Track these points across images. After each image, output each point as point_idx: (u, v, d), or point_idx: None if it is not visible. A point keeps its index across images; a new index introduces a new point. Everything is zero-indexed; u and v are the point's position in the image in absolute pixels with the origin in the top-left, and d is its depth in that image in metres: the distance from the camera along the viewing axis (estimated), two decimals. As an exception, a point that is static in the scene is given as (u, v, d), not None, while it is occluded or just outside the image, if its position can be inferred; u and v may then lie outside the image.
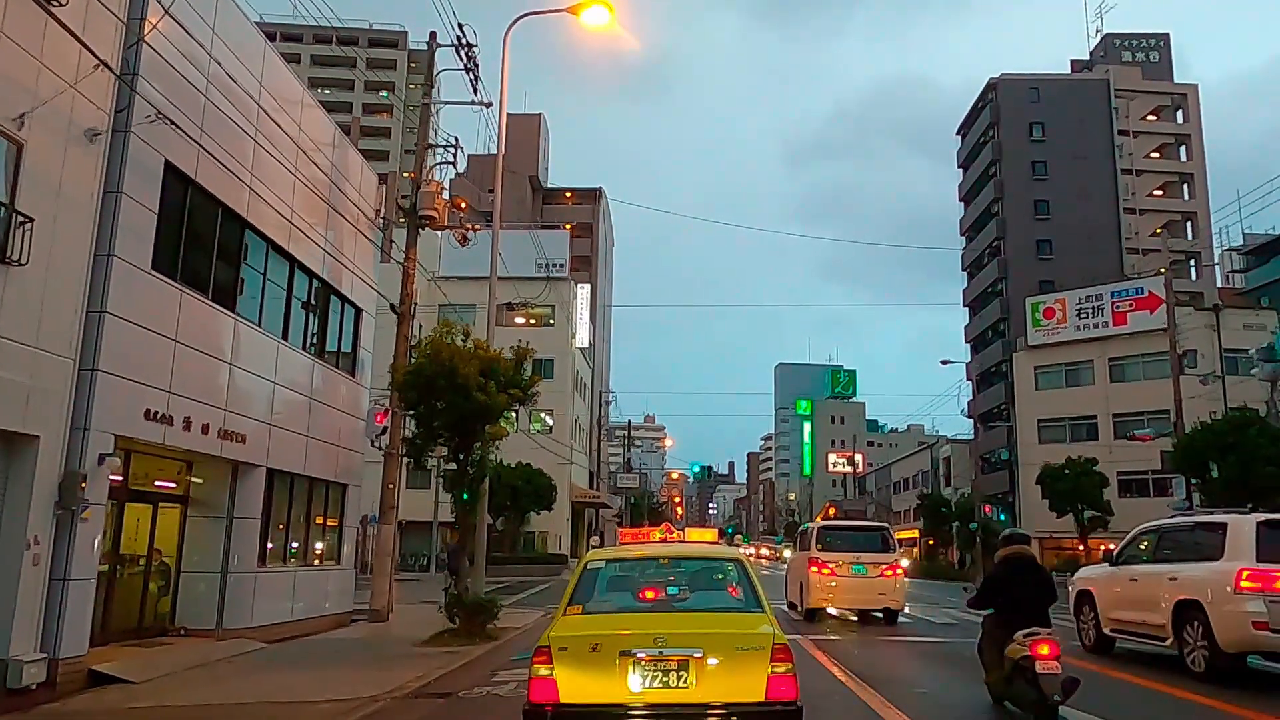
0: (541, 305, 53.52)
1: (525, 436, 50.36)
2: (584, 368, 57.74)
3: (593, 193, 69.42)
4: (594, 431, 60.50)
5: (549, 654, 5.52)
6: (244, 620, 13.58)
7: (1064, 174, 55.84)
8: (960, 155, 64.69)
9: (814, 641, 13.82)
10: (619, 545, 15.50)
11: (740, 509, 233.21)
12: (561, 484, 50.40)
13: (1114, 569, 12.80)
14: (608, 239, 73.72)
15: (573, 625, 5.91)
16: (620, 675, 5.42)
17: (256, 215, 13.72)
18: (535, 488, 42.34)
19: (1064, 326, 50.75)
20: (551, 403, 51.84)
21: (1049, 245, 55.76)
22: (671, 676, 5.42)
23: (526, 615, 19.28)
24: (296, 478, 15.56)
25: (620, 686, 5.41)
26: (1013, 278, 56.09)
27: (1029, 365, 52.00)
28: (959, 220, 65.00)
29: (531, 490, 42.17)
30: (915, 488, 76.19)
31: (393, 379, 14.71)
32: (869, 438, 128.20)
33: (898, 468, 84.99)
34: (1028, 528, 52.18)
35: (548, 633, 5.76)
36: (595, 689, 5.43)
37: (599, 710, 5.41)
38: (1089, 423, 49.12)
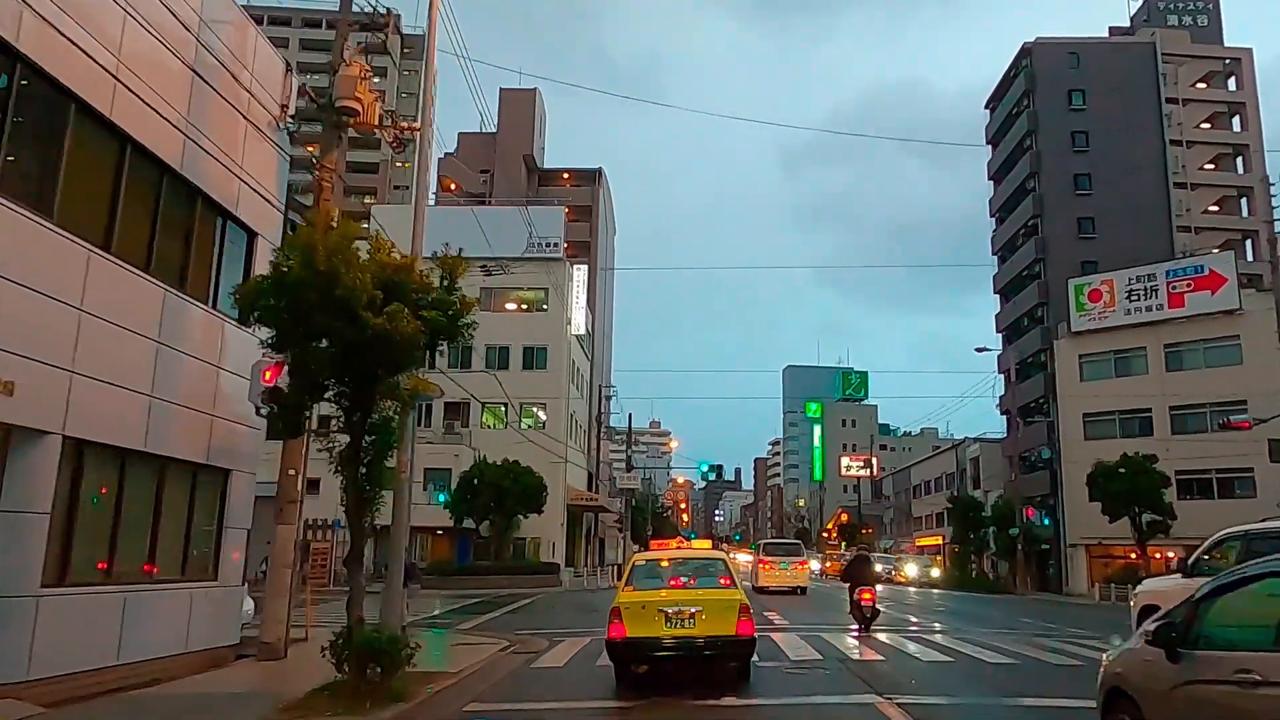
0: (533, 288, 48.79)
1: (514, 432, 45.62)
2: (581, 358, 52.87)
3: (592, 174, 64.73)
4: (593, 429, 55.66)
5: (619, 611, 10.26)
6: (12, 670, 8.72)
7: (1107, 146, 50.92)
8: (989, 131, 59.77)
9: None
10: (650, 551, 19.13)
11: (747, 516, 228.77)
12: (555, 485, 45.49)
13: (1187, 580, 11.24)
14: (608, 224, 68.97)
15: (629, 596, 10.67)
16: (658, 622, 10.17)
17: (46, 53, 8.93)
18: (523, 488, 37.49)
19: (1112, 310, 45.76)
20: (544, 394, 47.05)
21: (1091, 223, 50.80)
22: (685, 622, 10.17)
23: (481, 649, 14.31)
24: (132, 456, 10.69)
25: (658, 627, 10.15)
26: (1052, 259, 51.09)
27: (1073, 354, 46.99)
28: (988, 200, 60.07)
29: (519, 491, 37.32)
30: (938, 491, 71.17)
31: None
32: (881, 441, 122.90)
33: (918, 470, 79.90)
34: (1073, 533, 47.17)
35: (617, 600, 10.62)
36: (644, 629, 10.16)
37: (647, 640, 10.13)
38: (1142, 416, 44.08)
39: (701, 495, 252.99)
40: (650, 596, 10.59)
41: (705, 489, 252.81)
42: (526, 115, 64.12)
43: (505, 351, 47.57)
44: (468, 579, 35.86)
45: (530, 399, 47.13)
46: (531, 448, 43.28)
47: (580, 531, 54.62)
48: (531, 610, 25.27)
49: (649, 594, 10.70)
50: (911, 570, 46.19)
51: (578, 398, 52.16)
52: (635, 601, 10.44)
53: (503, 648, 14.29)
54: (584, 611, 25.02)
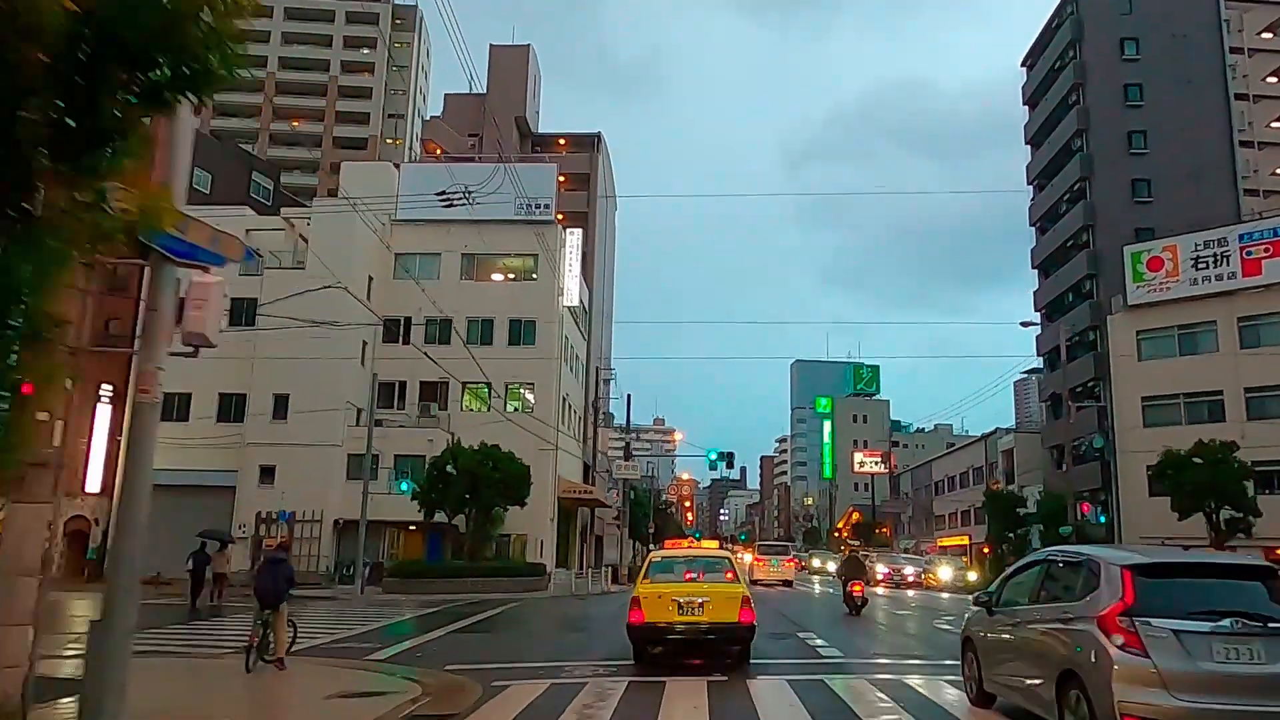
0: (521, 254, 43.51)
1: (498, 415, 40.36)
2: (575, 335, 47.58)
3: (590, 139, 59.40)
4: (589, 416, 50.41)
5: (639, 600, 12.09)
6: None
7: (1164, 100, 45.58)
8: (1026, 91, 54.41)
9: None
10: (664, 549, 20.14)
11: (753, 515, 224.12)
12: (543, 475, 40.21)
13: None
14: (609, 194, 63.66)
15: (647, 588, 12.41)
16: (672, 609, 11.87)
17: None
18: (504, 476, 32.24)
19: (1175, 280, 40.42)
20: (532, 374, 41.78)
21: (1147, 186, 45.45)
22: (694, 610, 11.86)
23: (363, 708, 8.85)
24: None
25: (672, 614, 11.86)
26: (1102, 226, 45.76)
27: (1129, 330, 41.63)
28: (1025, 167, 54.69)
29: (499, 479, 32.07)
30: (963, 487, 65.80)
31: None
32: (894, 438, 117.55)
33: (940, 465, 74.51)
34: (1133, 530, 41.67)
35: (636, 590, 12.55)
36: (660, 616, 11.89)
37: (662, 624, 11.88)
38: (1211, 399, 38.80)
39: (706, 494, 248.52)
40: (665, 588, 12.30)
41: (710, 488, 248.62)
42: (519, 75, 58.86)
43: (489, 325, 42.32)
44: (438, 581, 30.64)
45: (517, 379, 41.88)
46: (518, 434, 38.07)
47: (574, 528, 49.32)
48: (500, 624, 20.02)
49: (664, 586, 12.42)
50: (945, 574, 40.83)
51: (571, 380, 46.89)
52: (652, 592, 12.21)
53: (403, 703, 8.93)
54: (566, 628, 19.77)
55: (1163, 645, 6.31)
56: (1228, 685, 6.20)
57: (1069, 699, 6.96)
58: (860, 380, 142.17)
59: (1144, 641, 6.36)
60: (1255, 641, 6.31)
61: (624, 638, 12.55)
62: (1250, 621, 6.35)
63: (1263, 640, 6.30)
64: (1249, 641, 6.30)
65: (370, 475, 33.36)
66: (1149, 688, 6.24)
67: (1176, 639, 6.32)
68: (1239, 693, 6.18)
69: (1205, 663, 6.23)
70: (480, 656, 13.37)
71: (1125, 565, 6.93)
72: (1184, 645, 6.30)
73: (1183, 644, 6.31)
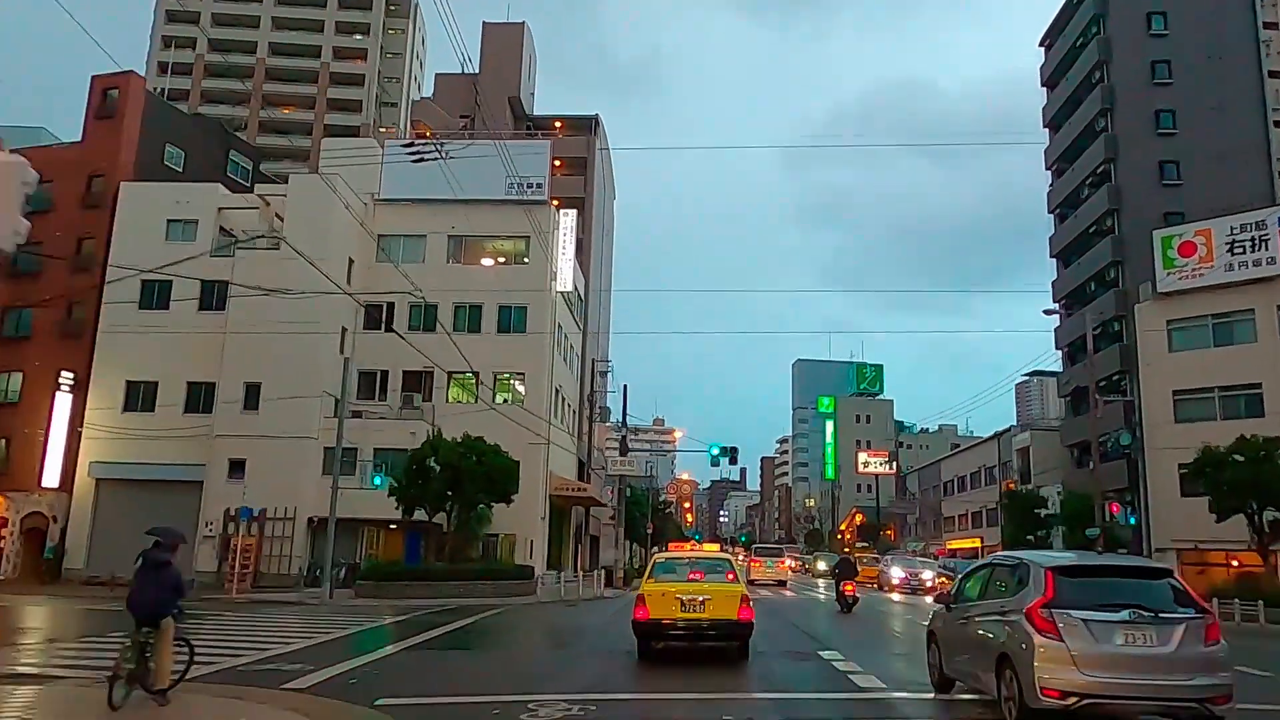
0: (511, 236, 40.94)
1: (486, 407, 37.78)
2: (569, 323, 45.02)
3: (587, 121, 56.81)
4: (583, 410, 47.85)
5: (644, 597, 12.86)
6: None
7: (1193, 78, 43.05)
8: (1044, 72, 51.83)
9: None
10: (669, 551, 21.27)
11: (753, 516, 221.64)
12: (533, 470, 37.71)
13: None
14: (606, 181, 61.12)
15: (652, 586, 13.23)
16: (675, 606, 12.61)
17: None
18: (488, 470, 29.69)
19: (1209, 266, 37.85)
20: (523, 363, 39.22)
21: (1175, 168, 42.88)
22: (696, 607, 12.58)
23: None
24: None
25: (674, 611, 12.58)
26: (1127, 210, 43.21)
27: (1159, 319, 39.05)
28: (1043, 151, 52.11)
29: (483, 474, 29.50)
30: (974, 488, 63.27)
31: None
32: (898, 438, 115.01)
33: (950, 465, 71.93)
34: (1164, 532, 38.93)
35: (641, 589, 13.41)
36: (663, 612, 12.62)
37: (665, 620, 12.61)
38: (1249, 393, 36.24)
39: (706, 496, 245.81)
40: (669, 587, 13.15)
41: (710, 489, 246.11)
42: (513, 53, 56.31)
43: (476, 312, 39.76)
44: (415, 585, 28.07)
45: (506, 368, 39.31)
46: (507, 427, 35.55)
47: (568, 528, 46.77)
48: (470, 638, 17.44)
49: (668, 585, 13.26)
50: (926, 575, 38.19)
51: (565, 371, 44.34)
52: (657, 590, 13.09)
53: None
54: (546, 643, 17.26)
55: (1075, 632, 7.70)
56: (1126, 664, 7.65)
57: (1005, 678, 8.27)
58: (863, 380, 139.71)
59: (1060, 629, 7.74)
60: (1149, 628, 7.74)
61: (612, 657, 12.97)
62: (1145, 612, 7.78)
63: (1154, 627, 7.74)
64: (1143, 628, 7.73)
65: (348, 470, 30.91)
66: (1063, 666, 7.61)
67: (1086, 627, 7.72)
68: (1134, 670, 7.65)
69: (1108, 646, 7.66)
70: (428, 685, 10.81)
71: (1048, 567, 8.39)
72: (1092, 632, 7.70)
73: (1091, 631, 7.71)
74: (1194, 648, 7.77)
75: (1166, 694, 7.73)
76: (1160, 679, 7.65)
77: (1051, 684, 7.60)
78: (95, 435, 36.63)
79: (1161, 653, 7.66)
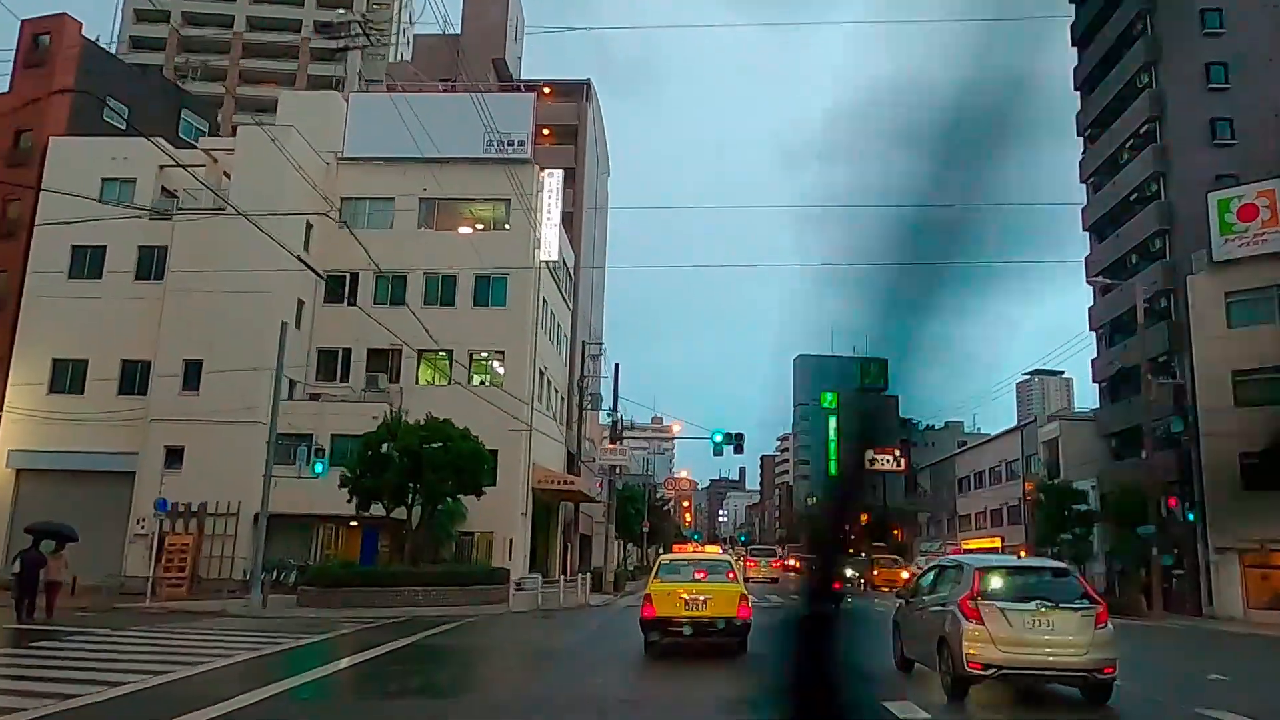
0: (490, 199, 36.70)
1: (461, 390, 33.53)
2: (556, 299, 40.76)
3: (579, 86, 52.52)
4: (573, 397, 43.57)
5: (650, 596, 13.86)
6: None
7: (1249, 27, 38.76)
8: (1075, 30, 47.50)
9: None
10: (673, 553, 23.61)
11: (753, 516, 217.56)
12: (512, 461, 33.55)
13: None
14: (599, 152, 56.89)
15: (658, 585, 14.16)
16: (679, 605, 13.52)
17: None
18: (455, 458, 25.40)
19: (1274, 230, 33.65)
20: (502, 340, 35.02)
21: (1228, 126, 38.57)
22: (698, 606, 13.48)
23: None
24: None
25: (679, 609, 13.47)
26: (1175, 172, 38.95)
27: (1215, 291, 34.79)
28: (1074, 117, 47.83)
29: (447, 462, 25.22)
30: (994, 484, 59.07)
31: None
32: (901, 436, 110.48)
33: (965, 460, 67.70)
34: (1221, 534, 35.11)
35: (649, 588, 14.32)
36: (668, 610, 13.53)
37: (670, 618, 13.51)
38: (1322, 374, 31.96)
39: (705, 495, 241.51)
40: (673, 587, 14.04)
41: (709, 488, 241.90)
42: (497, 12, 52.07)
43: (450, 283, 35.55)
44: (366, 592, 23.82)
45: (484, 345, 35.09)
46: (485, 411, 31.43)
47: (554, 526, 42.55)
48: (391, 671, 13.06)
49: (672, 585, 14.14)
50: None
51: (552, 352, 40.10)
52: (662, 590, 13.98)
53: None
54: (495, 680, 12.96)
55: (994, 618, 9.83)
56: (1032, 643, 9.78)
57: (943, 655, 10.39)
58: (867, 375, 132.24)
59: (983, 615, 9.85)
60: (1050, 615, 9.88)
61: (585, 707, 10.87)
62: (1048, 603, 9.97)
63: (1054, 614, 9.87)
64: (1047, 616, 9.86)
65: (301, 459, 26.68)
66: (985, 644, 9.72)
67: (1002, 614, 9.85)
68: (1038, 648, 9.79)
69: (1019, 630, 9.77)
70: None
71: (976, 568, 10.80)
72: (1007, 618, 9.83)
73: (1006, 617, 9.83)
74: (1087, 630, 9.74)
75: (1064, 666, 9.80)
76: (1060, 654, 9.70)
77: (976, 659, 9.61)
78: (17, 419, 32.39)
79: (1061, 634, 9.71)
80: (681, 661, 13.56)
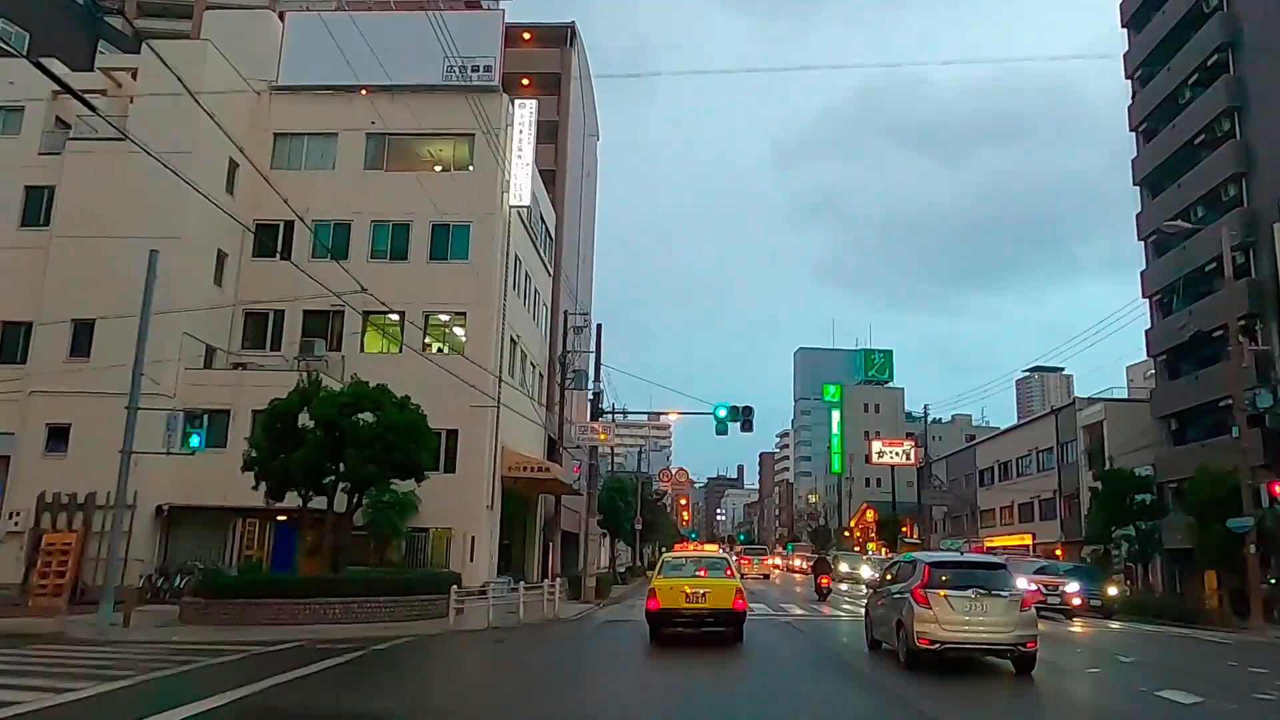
0: (451, 134, 31.10)
1: (414, 356, 28.03)
2: (531, 258, 35.14)
3: (560, 31, 46.89)
4: (554, 374, 37.98)
5: (655, 591, 15.33)
6: None
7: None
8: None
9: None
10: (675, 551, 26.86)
11: (751, 514, 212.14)
12: (477, 442, 28.03)
13: None
14: (586, 107, 51.34)
15: (661, 581, 15.63)
16: (680, 598, 15.02)
17: None
18: (386, 430, 19.76)
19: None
20: (464, 300, 29.47)
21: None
22: (699, 599, 15.03)
23: None
24: None
25: (680, 602, 15.01)
26: (1255, 107, 33.40)
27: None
28: (1122, 58, 42.31)
29: (375, 436, 19.59)
30: (1024, 475, 53.58)
31: None
32: (908, 429, 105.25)
33: (988, 450, 62.14)
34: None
35: (652, 584, 15.86)
36: (671, 603, 15.05)
37: (672, 609, 15.08)
38: None
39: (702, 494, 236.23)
40: (676, 582, 15.58)
41: (706, 487, 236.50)
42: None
43: (403, 233, 29.97)
44: (269, 605, 18.19)
45: (442, 306, 29.51)
46: (443, 383, 25.98)
47: (532, 522, 36.98)
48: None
49: (675, 580, 15.69)
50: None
51: (526, 319, 34.55)
52: (666, 585, 15.48)
53: None
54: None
55: (939, 603, 12.13)
56: (970, 624, 12.07)
57: (900, 635, 12.73)
58: (871, 366, 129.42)
59: (930, 602, 12.15)
60: (985, 601, 12.15)
61: None
62: (982, 591, 12.26)
63: (987, 601, 12.15)
64: (982, 602, 12.14)
65: (171, 431, 20.97)
66: (931, 624, 12.04)
67: (947, 600, 12.14)
68: (975, 628, 12.07)
69: (959, 613, 12.08)
70: None
71: (926, 562, 13.24)
72: (950, 604, 12.11)
73: (950, 603, 12.11)
74: (1013, 613, 12.15)
75: (995, 641, 12.18)
76: (991, 632, 12.07)
77: (924, 636, 11.99)
78: None
79: (992, 616, 12.07)
80: None
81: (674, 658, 14.07)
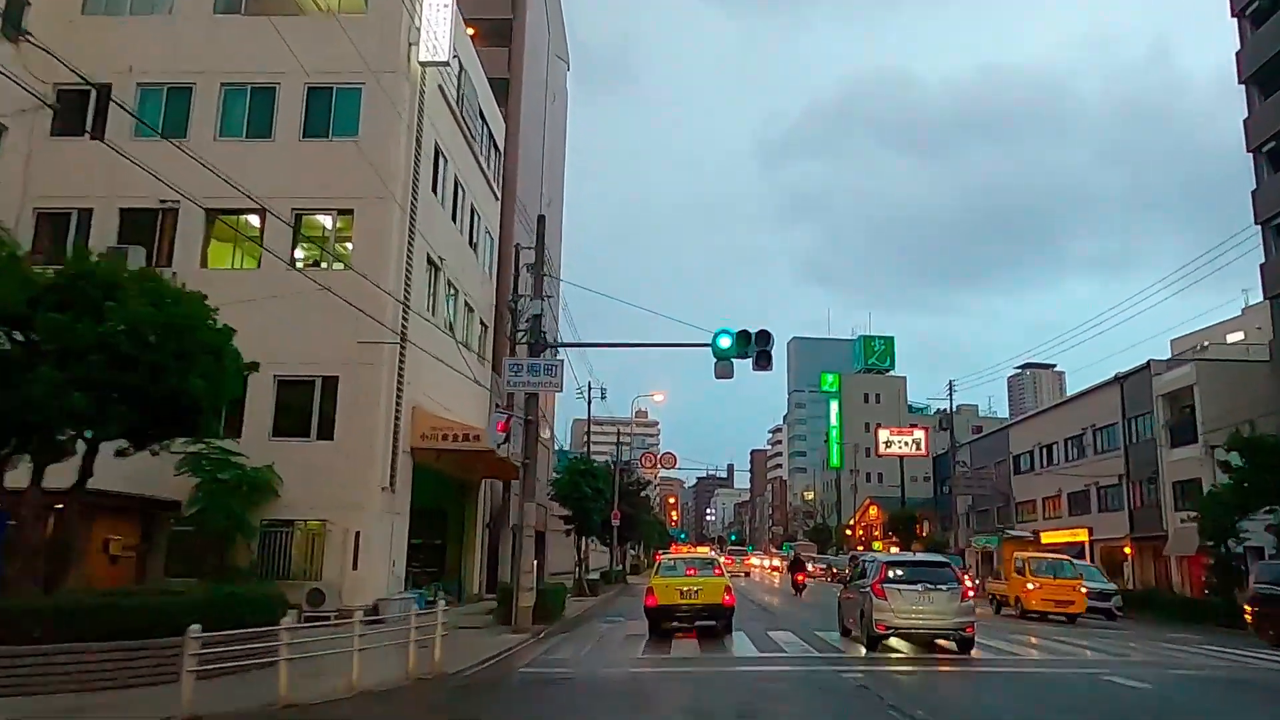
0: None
1: (280, 270, 19.14)
2: (458, 147, 26.01)
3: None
4: (501, 324, 29.09)
5: (653, 589, 17.97)
6: None
7: None
8: None
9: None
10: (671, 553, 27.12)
11: (742, 514, 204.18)
12: (368, 395, 19.23)
13: None
14: (550, 18, 42.54)
15: (659, 580, 18.35)
16: (675, 595, 17.73)
17: None
18: (121, 338, 10.81)
19: None
20: (352, 187, 20.49)
21: None
22: (692, 595, 17.67)
23: None
24: None
25: (676, 598, 17.70)
26: None
27: None
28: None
29: (99, 346, 10.63)
30: (1070, 460, 45.07)
31: None
32: (911, 420, 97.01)
33: (1023, 431, 53.61)
34: None
35: (650, 582, 18.72)
36: (668, 600, 17.71)
37: (669, 605, 17.69)
38: None
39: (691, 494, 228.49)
40: (671, 581, 18.13)
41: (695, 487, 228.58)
42: None
43: (266, 100, 20.95)
44: None
45: (320, 201, 20.58)
46: (319, 313, 17.27)
47: (471, 516, 28.11)
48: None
49: (670, 579, 18.24)
50: None
51: (452, 234, 25.66)
52: (663, 583, 17.97)
53: None
54: None
55: (893, 595, 15.14)
56: (918, 613, 15.06)
57: (861, 623, 15.71)
58: (871, 354, 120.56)
59: (886, 594, 15.14)
60: (931, 593, 15.17)
61: None
62: (929, 584, 15.29)
63: (934, 591, 15.19)
64: (929, 593, 15.16)
65: None
66: (886, 613, 15.04)
67: (899, 592, 15.16)
68: (922, 614, 15.07)
69: (909, 602, 15.07)
70: None
71: (882, 561, 16.46)
72: (902, 595, 15.12)
73: (901, 595, 15.13)
74: (954, 602, 15.20)
75: (939, 626, 15.22)
76: (936, 619, 15.09)
77: (880, 622, 14.99)
78: None
79: (936, 605, 15.07)
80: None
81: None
